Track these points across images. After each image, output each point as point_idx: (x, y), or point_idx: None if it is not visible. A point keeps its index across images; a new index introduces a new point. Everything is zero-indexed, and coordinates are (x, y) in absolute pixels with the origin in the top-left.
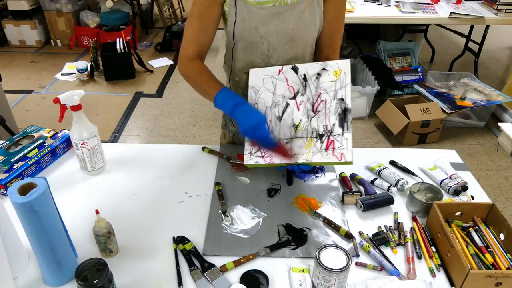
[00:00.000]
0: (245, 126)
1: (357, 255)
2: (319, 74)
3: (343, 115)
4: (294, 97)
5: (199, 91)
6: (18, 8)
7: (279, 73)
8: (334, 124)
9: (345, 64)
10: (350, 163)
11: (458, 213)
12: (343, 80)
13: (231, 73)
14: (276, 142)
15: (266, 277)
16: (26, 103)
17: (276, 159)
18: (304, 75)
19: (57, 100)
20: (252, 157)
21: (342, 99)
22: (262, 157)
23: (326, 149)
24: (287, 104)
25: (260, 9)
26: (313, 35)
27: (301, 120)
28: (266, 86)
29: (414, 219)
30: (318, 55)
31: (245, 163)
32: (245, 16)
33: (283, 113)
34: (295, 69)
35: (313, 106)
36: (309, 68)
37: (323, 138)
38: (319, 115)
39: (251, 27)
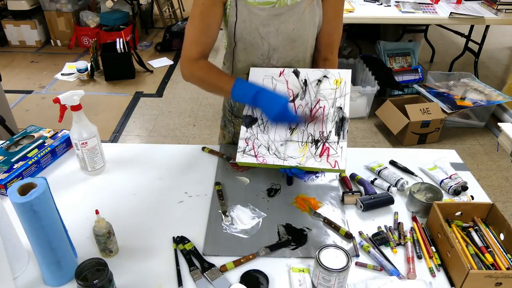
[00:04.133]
0: (272, 115)
1: (357, 255)
2: (319, 81)
3: (340, 123)
4: (292, 100)
5: (211, 89)
6: (18, 8)
7: (280, 75)
8: (330, 132)
9: (346, 74)
10: (343, 171)
11: (458, 213)
12: (343, 89)
13: (231, 74)
14: (304, 118)
15: (266, 277)
16: (26, 103)
17: (269, 159)
18: (305, 79)
19: (57, 100)
20: (245, 155)
21: (341, 108)
22: (255, 156)
23: (321, 155)
24: None
25: (260, 10)
26: (313, 35)
27: (298, 123)
28: (266, 86)
29: (414, 219)
30: (316, 56)
31: (237, 160)
32: (245, 17)
33: None
34: (296, 73)
35: (311, 111)
36: (310, 74)
37: (318, 144)
38: (316, 121)
39: (251, 28)
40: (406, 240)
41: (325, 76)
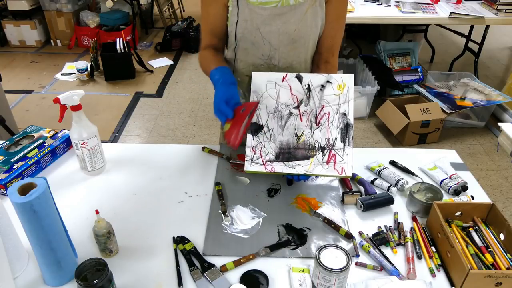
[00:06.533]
0: (215, 100)
1: (357, 255)
2: (323, 86)
3: (345, 130)
4: (297, 107)
5: (204, 72)
6: (18, 8)
7: (283, 80)
8: (336, 138)
9: (349, 79)
10: (349, 177)
11: (458, 213)
12: (347, 95)
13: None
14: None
15: (266, 277)
16: (26, 103)
17: (277, 168)
18: (308, 85)
19: (57, 100)
20: (253, 164)
21: (345, 114)
22: (263, 165)
23: (328, 162)
24: (290, 113)
25: (262, 9)
26: (314, 36)
27: (303, 131)
28: (269, 92)
29: (414, 219)
30: (317, 58)
31: (245, 169)
32: (247, 16)
33: (286, 121)
34: (299, 78)
35: (316, 118)
36: (314, 79)
37: (325, 151)
38: (321, 127)
39: (253, 27)
40: (406, 240)
41: (328, 81)
